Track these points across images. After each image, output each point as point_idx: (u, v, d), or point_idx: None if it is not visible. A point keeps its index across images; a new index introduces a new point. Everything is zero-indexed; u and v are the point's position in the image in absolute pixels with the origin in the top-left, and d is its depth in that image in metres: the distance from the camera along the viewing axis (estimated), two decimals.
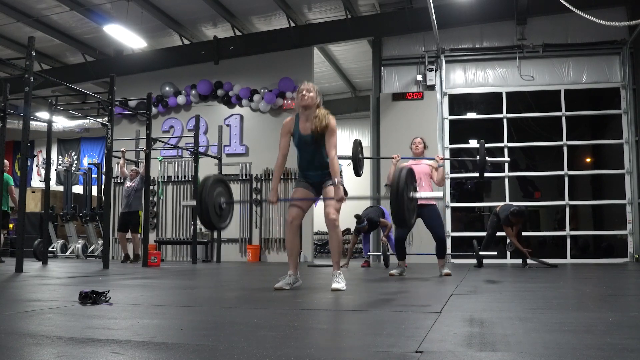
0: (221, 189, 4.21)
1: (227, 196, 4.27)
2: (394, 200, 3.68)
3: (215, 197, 4.10)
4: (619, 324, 2.41)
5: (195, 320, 2.55)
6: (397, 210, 3.71)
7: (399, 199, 3.67)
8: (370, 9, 12.02)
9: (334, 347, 1.92)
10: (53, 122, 9.13)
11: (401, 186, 3.69)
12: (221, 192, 4.21)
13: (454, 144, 11.36)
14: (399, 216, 3.77)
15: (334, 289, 3.94)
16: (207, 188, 4.04)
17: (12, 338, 1.96)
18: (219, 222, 4.16)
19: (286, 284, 4.05)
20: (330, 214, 4.10)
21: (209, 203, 4.00)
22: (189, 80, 12.53)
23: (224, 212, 4.20)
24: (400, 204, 3.68)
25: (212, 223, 4.08)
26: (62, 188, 12.89)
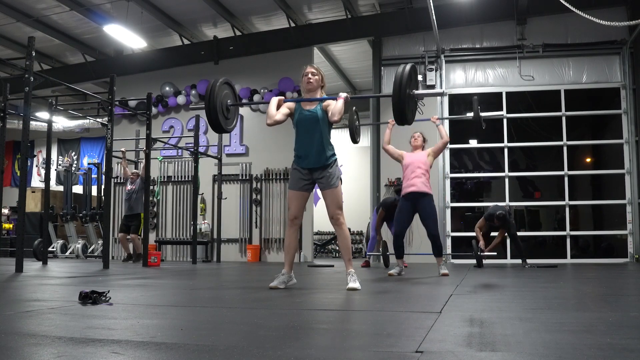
0: (228, 91, 4.28)
1: (233, 98, 4.32)
2: (396, 94, 3.67)
3: (222, 98, 4.17)
4: (619, 324, 2.41)
5: (195, 320, 2.55)
6: (398, 105, 3.71)
7: (401, 93, 3.67)
8: (370, 9, 12.02)
9: (334, 347, 1.92)
10: (53, 122, 9.14)
11: (404, 81, 3.70)
12: (228, 94, 4.27)
13: (454, 144, 11.35)
14: (400, 111, 3.77)
15: (350, 288, 3.91)
16: (216, 89, 4.10)
17: (12, 338, 1.96)
18: (226, 123, 4.23)
19: (281, 282, 4.05)
20: (334, 214, 4.09)
21: (217, 104, 4.08)
22: (189, 80, 12.54)
23: (230, 113, 4.29)
24: (402, 98, 3.68)
25: (220, 124, 4.14)
26: (62, 188, 12.89)
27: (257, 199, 12.01)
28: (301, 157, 4.16)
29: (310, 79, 4.17)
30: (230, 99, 4.33)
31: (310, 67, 4.24)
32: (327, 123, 4.13)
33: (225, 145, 12.01)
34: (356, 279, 4.02)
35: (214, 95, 4.12)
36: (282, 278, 4.09)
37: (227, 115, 4.26)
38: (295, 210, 4.18)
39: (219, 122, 4.17)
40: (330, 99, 4.09)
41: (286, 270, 4.13)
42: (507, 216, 8.42)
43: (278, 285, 4.03)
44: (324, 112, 4.11)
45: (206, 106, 4.12)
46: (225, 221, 11.43)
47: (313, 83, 4.17)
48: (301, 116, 4.14)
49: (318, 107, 4.14)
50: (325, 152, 4.12)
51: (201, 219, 11.63)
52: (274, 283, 4.04)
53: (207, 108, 4.12)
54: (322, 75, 4.25)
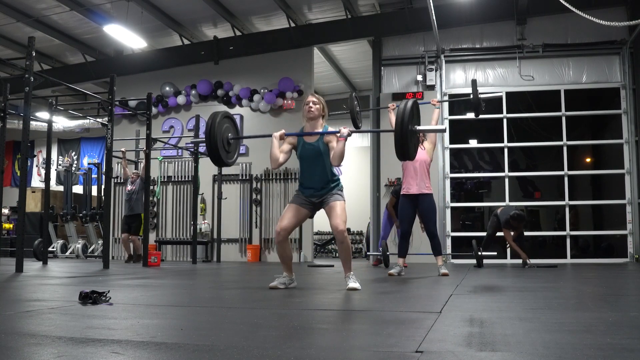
0: (228, 125, 4.28)
1: (234, 132, 4.32)
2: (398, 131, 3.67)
3: (223, 132, 4.17)
4: (619, 324, 2.41)
5: (195, 320, 2.55)
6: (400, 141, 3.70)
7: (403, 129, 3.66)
8: (370, 9, 12.02)
9: (334, 347, 1.92)
10: (53, 122, 9.14)
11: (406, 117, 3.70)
12: (228, 128, 4.27)
13: (454, 144, 11.36)
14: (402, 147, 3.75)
15: (350, 288, 3.94)
16: (216, 124, 4.10)
17: (12, 338, 1.96)
18: (227, 157, 4.23)
19: (281, 283, 4.07)
20: (338, 226, 4.01)
21: (218, 139, 4.07)
22: (189, 80, 12.54)
23: (232, 147, 4.28)
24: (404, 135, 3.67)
25: (221, 158, 4.14)
26: (62, 188, 12.89)
27: (257, 199, 12.01)
28: (306, 188, 4.18)
29: (312, 107, 4.14)
30: (231, 132, 4.28)
31: (312, 96, 4.23)
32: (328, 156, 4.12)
33: None
34: (356, 279, 4.04)
35: (215, 131, 4.08)
36: (283, 279, 4.11)
37: (228, 149, 4.24)
38: (286, 222, 4.08)
39: (220, 157, 4.14)
40: (332, 133, 4.08)
41: (287, 274, 4.15)
42: (522, 213, 8.43)
43: (278, 285, 4.05)
44: (325, 145, 4.11)
45: (207, 142, 4.08)
46: (225, 221, 11.43)
47: (314, 112, 4.14)
48: (304, 150, 4.15)
49: (320, 140, 4.12)
50: (327, 182, 4.14)
51: (201, 219, 11.63)
52: (274, 283, 4.07)
53: (207, 144, 4.08)
54: (323, 105, 4.21)
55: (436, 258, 6.23)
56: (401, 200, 6.21)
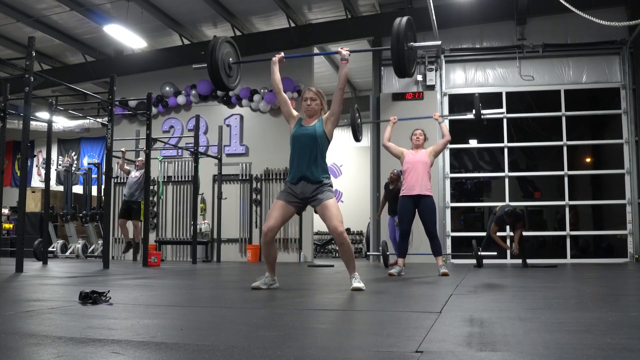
0: (230, 50, 4.26)
1: (235, 57, 4.29)
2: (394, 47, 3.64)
3: (224, 56, 4.16)
4: (619, 324, 2.41)
5: (195, 320, 2.55)
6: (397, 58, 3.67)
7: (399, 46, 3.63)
8: (370, 9, 12.02)
9: (334, 347, 1.92)
10: (53, 122, 9.14)
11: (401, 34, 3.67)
12: (230, 52, 4.26)
13: (454, 144, 11.35)
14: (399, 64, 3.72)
15: (355, 288, 3.88)
16: (217, 47, 4.11)
17: (12, 338, 1.96)
18: (228, 81, 4.22)
19: (263, 283, 4.00)
20: (337, 228, 3.88)
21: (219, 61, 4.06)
22: (189, 80, 12.53)
23: (233, 71, 4.27)
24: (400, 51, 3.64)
25: (222, 80, 4.13)
26: (62, 188, 12.89)
27: (257, 199, 12.02)
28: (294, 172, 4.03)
29: (310, 105, 4.07)
30: (232, 57, 4.29)
31: (310, 92, 4.11)
32: (325, 141, 4.05)
33: (225, 145, 12.01)
34: (360, 279, 3.99)
35: (216, 53, 4.09)
36: (265, 280, 4.02)
37: (229, 72, 4.25)
38: (273, 222, 3.93)
39: (221, 79, 4.14)
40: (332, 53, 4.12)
41: (269, 274, 4.04)
42: (516, 210, 8.44)
43: (260, 285, 3.97)
44: (322, 130, 4.02)
45: (208, 63, 4.10)
46: (225, 221, 11.43)
47: (314, 108, 4.07)
48: (299, 130, 4.06)
49: (317, 123, 4.05)
50: (318, 169, 3.98)
51: (201, 219, 11.63)
52: (256, 283, 3.99)
53: (209, 65, 4.10)
54: (321, 99, 4.10)
55: (436, 258, 6.23)
56: (401, 201, 6.21)
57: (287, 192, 4.05)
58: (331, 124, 4.06)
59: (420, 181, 6.05)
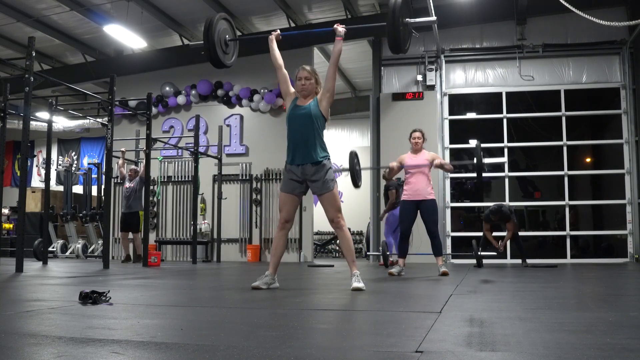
0: (226, 27, 4.27)
1: (232, 34, 4.32)
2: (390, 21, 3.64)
3: (221, 33, 4.16)
4: (619, 324, 2.41)
5: (195, 320, 2.55)
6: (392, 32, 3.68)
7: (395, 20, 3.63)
8: (370, 9, 12.02)
9: (334, 347, 1.92)
10: (53, 122, 9.14)
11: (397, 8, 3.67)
12: (227, 30, 4.26)
13: (454, 144, 11.37)
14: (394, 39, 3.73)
15: (355, 288, 3.87)
16: (214, 23, 4.11)
17: (12, 338, 1.96)
18: (224, 57, 4.22)
19: (263, 283, 3.98)
20: (334, 217, 4.02)
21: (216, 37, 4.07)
22: (189, 80, 12.53)
23: (229, 48, 4.27)
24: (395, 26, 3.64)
25: (219, 58, 4.12)
26: (62, 188, 12.89)
27: (257, 199, 12.01)
28: (292, 153, 4.05)
29: (305, 84, 4.07)
30: (229, 34, 4.31)
31: (304, 71, 4.11)
32: (321, 120, 4.06)
33: (225, 145, 12.01)
34: (360, 279, 3.98)
35: (213, 30, 4.09)
36: (266, 279, 4.01)
37: (225, 50, 4.25)
38: (286, 214, 4.10)
39: (218, 56, 4.14)
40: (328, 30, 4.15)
41: (270, 272, 4.05)
42: (501, 208, 8.47)
43: (260, 285, 3.96)
44: (318, 108, 4.04)
45: (205, 40, 4.09)
46: (225, 221, 11.43)
47: (307, 87, 4.07)
48: (294, 110, 4.07)
49: (312, 103, 4.06)
50: (316, 149, 4.01)
51: (201, 219, 11.63)
52: (256, 283, 3.98)
53: (205, 42, 4.09)
54: (316, 78, 4.12)
55: (436, 258, 6.23)
56: (403, 204, 6.21)
57: (288, 178, 4.09)
58: (326, 101, 4.07)
59: (423, 186, 6.05)
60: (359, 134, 17.65)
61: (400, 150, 6.55)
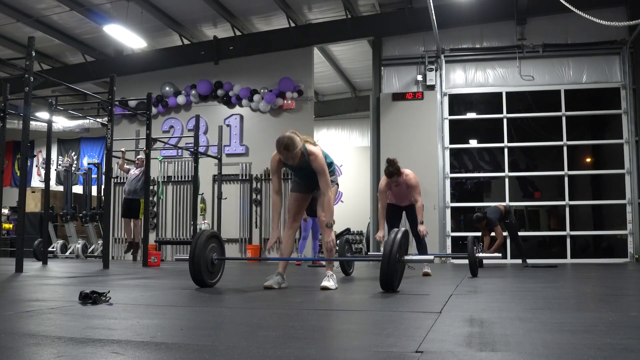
0: (214, 244, 4.20)
1: (219, 251, 4.25)
2: (384, 264, 3.60)
3: (207, 254, 4.10)
4: (619, 324, 2.41)
5: (195, 320, 2.55)
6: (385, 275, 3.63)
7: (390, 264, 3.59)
8: (370, 9, 12.02)
9: (334, 347, 1.92)
10: (53, 122, 9.13)
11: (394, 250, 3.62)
12: (214, 248, 4.19)
13: (454, 144, 11.36)
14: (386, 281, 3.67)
15: (323, 287, 3.97)
16: (201, 244, 4.03)
17: (12, 338, 1.96)
18: (210, 277, 4.16)
19: (276, 282, 4.09)
20: (321, 216, 4.18)
21: (202, 261, 4.01)
22: (189, 80, 12.54)
23: (216, 267, 4.24)
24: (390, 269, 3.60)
25: (204, 281, 4.07)
26: (62, 188, 12.88)
27: (257, 199, 12.01)
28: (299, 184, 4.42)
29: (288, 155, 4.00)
30: (216, 252, 4.21)
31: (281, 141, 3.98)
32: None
33: (225, 145, 12.01)
34: (331, 279, 4.05)
35: (198, 254, 4.00)
36: (277, 279, 4.13)
37: (211, 269, 4.19)
38: (296, 209, 4.36)
39: (203, 280, 4.06)
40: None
41: (280, 270, 4.20)
42: (480, 216, 8.66)
43: (273, 285, 4.06)
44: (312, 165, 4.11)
45: (190, 266, 4.03)
46: (225, 221, 11.43)
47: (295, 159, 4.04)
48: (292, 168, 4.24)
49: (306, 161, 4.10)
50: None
51: (201, 219, 11.62)
52: (268, 282, 4.07)
53: (190, 268, 4.03)
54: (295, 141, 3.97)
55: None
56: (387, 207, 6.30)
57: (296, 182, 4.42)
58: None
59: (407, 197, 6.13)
60: (359, 134, 17.64)
61: (400, 150, 6.54)
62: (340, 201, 16.22)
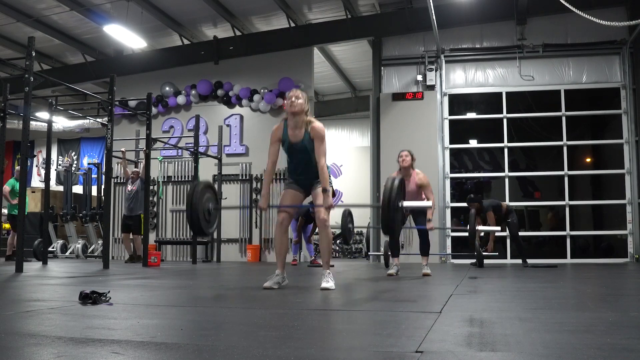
0: (209, 195, 4.31)
1: (214, 201, 4.39)
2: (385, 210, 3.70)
3: (204, 203, 4.19)
4: (619, 324, 2.41)
5: (195, 320, 2.55)
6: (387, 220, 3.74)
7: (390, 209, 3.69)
8: (370, 9, 12.02)
9: (334, 347, 1.92)
10: (53, 122, 9.14)
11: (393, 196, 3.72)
12: (209, 198, 4.30)
13: (454, 144, 11.36)
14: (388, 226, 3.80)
15: (323, 288, 4.00)
16: (197, 194, 4.15)
17: (12, 338, 1.96)
18: (207, 227, 4.25)
19: (275, 283, 4.11)
20: (320, 214, 4.15)
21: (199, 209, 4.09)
22: (189, 80, 12.53)
23: (212, 217, 4.32)
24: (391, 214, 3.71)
25: (202, 229, 4.15)
26: (62, 188, 12.89)
27: (257, 199, 12.01)
28: (295, 175, 4.31)
29: (294, 102, 4.18)
30: (212, 203, 4.37)
31: (295, 91, 4.27)
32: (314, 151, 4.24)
33: (225, 145, 12.01)
34: (330, 279, 4.09)
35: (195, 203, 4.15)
36: (277, 279, 4.14)
37: (208, 218, 4.31)
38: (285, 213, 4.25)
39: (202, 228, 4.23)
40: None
41: (279, 271, 4.19)
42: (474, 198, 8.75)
43: (272, 285, 4.07)
44: (311, 141, 4.17)
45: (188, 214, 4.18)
46: (225, 221, 11.42)
47: (297, 107, 4.18)
48: (290, 149, 4.24)
49: (306, 137, 4.18)
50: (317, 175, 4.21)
51: None
52: (268, 283, 4.08)
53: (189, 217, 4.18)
54: (305, 100, 4.25)
55: (422, 258, 6.21)
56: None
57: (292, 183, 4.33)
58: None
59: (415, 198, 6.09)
60: (359, 134, 17.65)
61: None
62: (340, 201, 16.23)
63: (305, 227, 9.93)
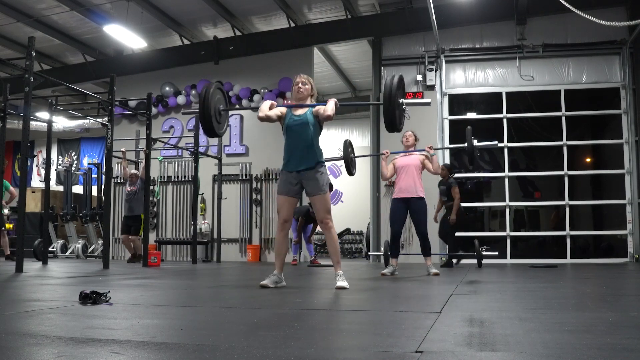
0: (220, 96, 4.45)
1: (224, 103, 4.51)
2: (386, 103, 3.93)
3: (216, 103, 4.31)
4: (619, 324, 2.41)
5: (195, 320, 2.55)
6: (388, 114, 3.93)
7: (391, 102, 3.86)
8: (370, 9, 12.02)
9: (334, 347, 1.92)
10: (53, 122, 9.14)
11: (393, 90, 3.94)
12: (220, 99, 4.42)
13: (454, 144, 11.35)
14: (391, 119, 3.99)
15: (339, 287, 4.01)
16: (210, 95, 4.27)
17: (12, 338, 1.96)
18: (218, 127, 4.37)
19: (272, 282, 4.13)
20: (324, 218, 4.18)
21: (211, 109, 4.23)
22: (189, 80, 12.54)
23: (222, 118, 4.45)
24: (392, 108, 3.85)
25: (214, 128, 4.29)
26: (62, 188, 12.89)
27: (257, 199, 12.01)
28: (289, 160, 4.25)
29: (301, 87, 4.27)
30: (222, 104, 4.47)
31: (301, 77, 4.34)
32: (317, 128, 4.24)
33: (225, 145, 12.02)
34: (344, 279, 4.12)
35: (208, 102, 4.28)
36: (273, 278, 4.17)
37: (219, 119, 4.40)
38: (285, 214, 4.26)
39: (213, 128, 4.33)
40: (320, 105, 4.24)
41: (277, 271, 4.22)
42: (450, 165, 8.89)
43: (268, 284, 4.10)
44: (314, 117, 4.21)
45: (200, 114, 4.29)
46: (225, 221, 11.43)
47: (303, 92, 4.28)
48: (291, 121, 4.24)
49: (308, 112, 4.23)
50: (313, 155, 4.20)
51: (201, 219, 11.63)
52: (264, 282, 4.12)
53: (201, 116, 4.29)
54: (312, 85, 4.36)
55: (425, 259, 6.24)
56: (393, 203, 6.26)
57: (284, 180, 4.27)
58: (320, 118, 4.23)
59: (413, 184, 6.10)
60: (359, 134, 17.63)
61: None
62: (340, 201, 16.23)
63: (305, 227, 9.94)
